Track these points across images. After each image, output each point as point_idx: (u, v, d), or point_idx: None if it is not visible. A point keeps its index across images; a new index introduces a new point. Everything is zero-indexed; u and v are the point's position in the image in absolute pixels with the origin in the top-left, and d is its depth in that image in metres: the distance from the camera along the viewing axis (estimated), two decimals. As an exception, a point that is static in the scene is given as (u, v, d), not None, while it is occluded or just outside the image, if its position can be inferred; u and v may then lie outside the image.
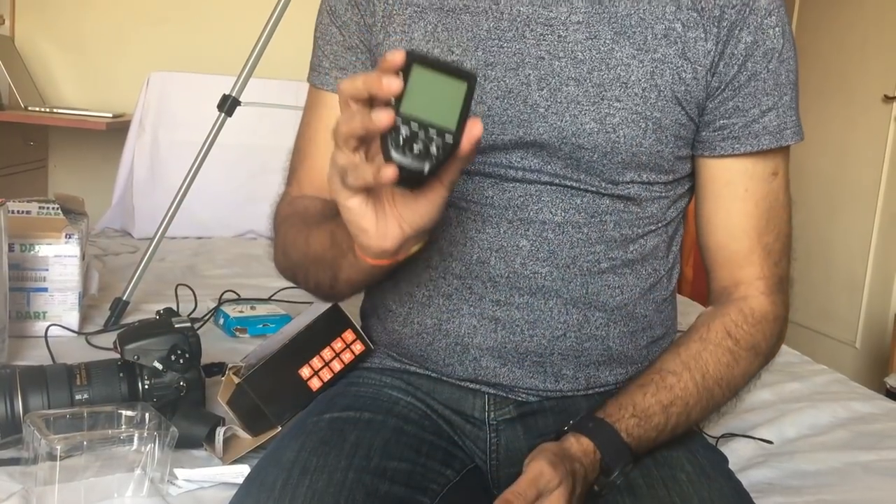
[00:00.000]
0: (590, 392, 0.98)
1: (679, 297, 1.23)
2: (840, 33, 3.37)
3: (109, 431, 1.01)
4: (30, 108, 2.89)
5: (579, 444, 0.86)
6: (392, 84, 0.66)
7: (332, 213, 0.91)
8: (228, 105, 1.85)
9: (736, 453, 1.23)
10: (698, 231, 1.02)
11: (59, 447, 0.94)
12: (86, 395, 1.12)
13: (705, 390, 0.93)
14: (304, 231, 0.95)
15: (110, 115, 2.90)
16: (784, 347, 1.11)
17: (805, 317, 3.36)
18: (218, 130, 1.86)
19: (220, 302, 1.80)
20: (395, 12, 0.97)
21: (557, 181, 0.93)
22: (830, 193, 3.35)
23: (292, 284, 1.04)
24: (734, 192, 0.97)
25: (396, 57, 0.67)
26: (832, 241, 3.33)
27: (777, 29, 0.93)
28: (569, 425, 0.89)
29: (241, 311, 1.73)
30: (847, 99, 3.31)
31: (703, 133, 0.96)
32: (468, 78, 0.69)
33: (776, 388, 1.54)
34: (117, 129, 2.87)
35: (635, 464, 0.89)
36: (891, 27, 3.11)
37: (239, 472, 1.04)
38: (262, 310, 1.76)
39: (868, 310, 3.20)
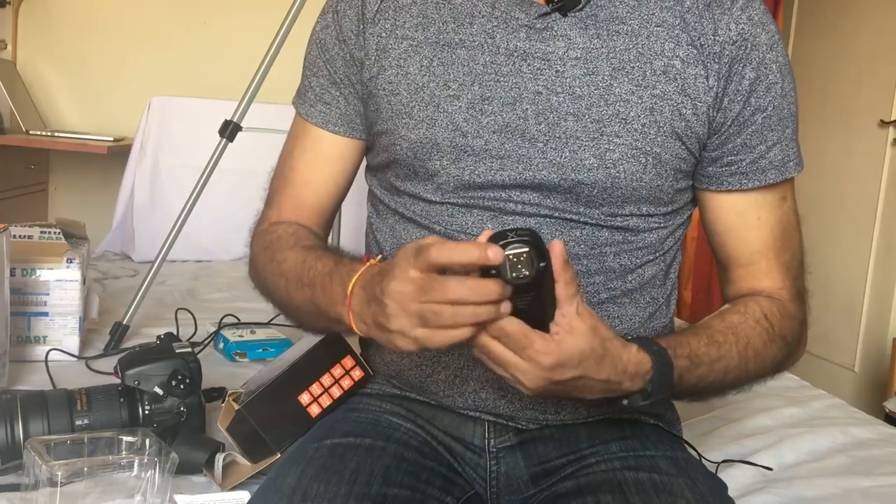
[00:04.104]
0: (590, 420, 0.98)
1: (677, 321, 1.24)
2: (836, 59, 3.39)
3: (110, 457, 1.00)
4: (31, 132, 2.90)
5: (638, 353, 0.84)
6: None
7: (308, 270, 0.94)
8: (230, 131, 1.86)
9: (735, 480, 1.23)
10: (713, 249, 1.03)
11: (59, 473, 0.93)
12: (86, 421, 1.12)
13: (743, 360, 0.93)
14: (280, 279, 1.00)
15: (111, 139, 2.91)
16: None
17: (803, 341, 3.35)
18: (219, 156, 1.87)
19: (220, 326, 1.80)
20: (389, 46, 0.97)
21: (557, 214, 0.94)
22: (828, 218, 3.36)
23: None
24: (747, 221, 0.98)
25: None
26: (830, 265, 3.33)
27: (778, 64, 0.94)
28: (633, 338, 0.86)
29: (240, 336, 1.73)
30: (843, 124, 3.32)
31: (710, 168, 0.97)
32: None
33: (775, 413, 1.54)
34: (118, 153, 2.87)
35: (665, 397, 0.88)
36: (886, 53, 3.14)
37: (238, 499, 1.04)
38: (261, 334, 1.76)
39: (866, 334, 3.20)
